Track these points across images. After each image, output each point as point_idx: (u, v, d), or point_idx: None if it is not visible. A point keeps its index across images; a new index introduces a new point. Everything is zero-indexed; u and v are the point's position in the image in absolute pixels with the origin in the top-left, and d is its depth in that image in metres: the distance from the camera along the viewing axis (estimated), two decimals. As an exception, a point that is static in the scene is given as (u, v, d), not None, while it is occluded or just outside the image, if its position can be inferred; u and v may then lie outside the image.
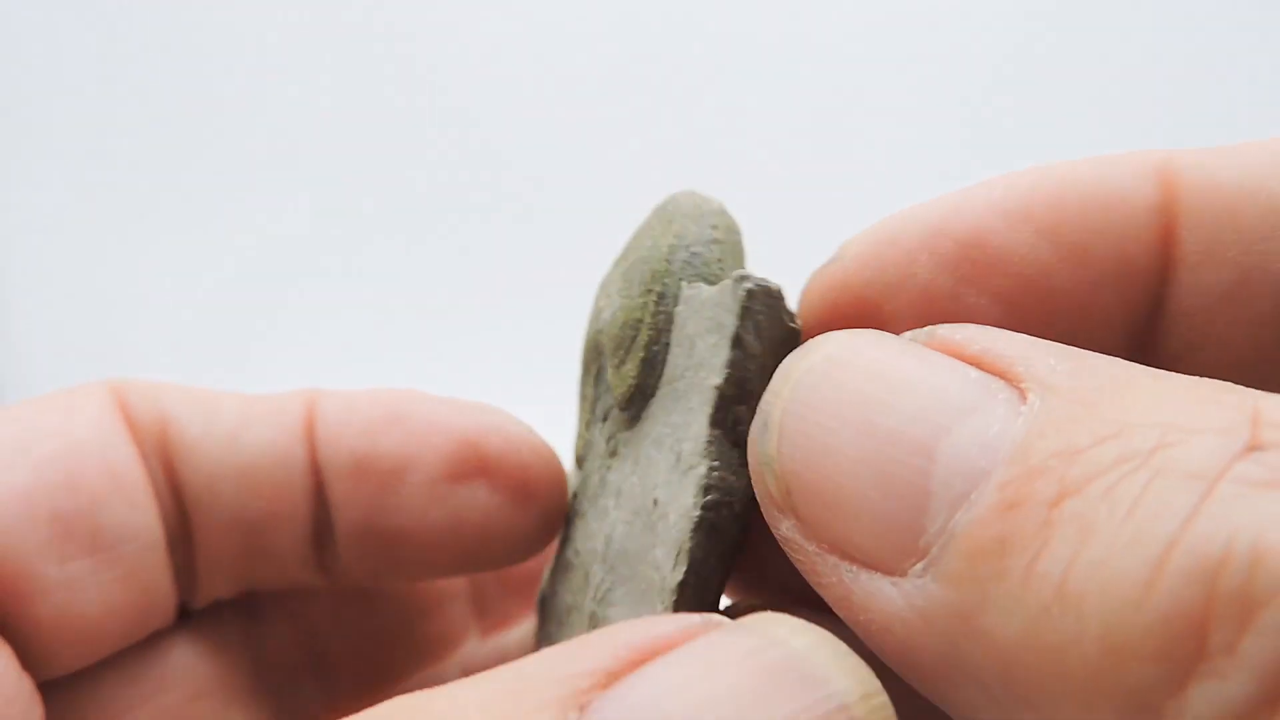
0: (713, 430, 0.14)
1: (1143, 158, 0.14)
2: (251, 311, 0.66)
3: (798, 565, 0.12)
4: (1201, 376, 0.11)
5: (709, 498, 0.14)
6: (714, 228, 0.16)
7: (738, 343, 0.14)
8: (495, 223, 0.66)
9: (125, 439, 0.17)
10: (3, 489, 0.16)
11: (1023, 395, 0.11)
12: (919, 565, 0.10)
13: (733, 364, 0.14)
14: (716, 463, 0.14)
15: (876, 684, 0.10)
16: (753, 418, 0.13)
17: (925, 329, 0.13)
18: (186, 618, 0.19)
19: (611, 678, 0.10)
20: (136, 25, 0.66)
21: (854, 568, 0.11)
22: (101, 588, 0.17)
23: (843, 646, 0.11)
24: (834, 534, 0.11)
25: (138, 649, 0.18)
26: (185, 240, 0.66)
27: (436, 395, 0.19)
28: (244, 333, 0.66)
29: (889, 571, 0.11)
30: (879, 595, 0.11)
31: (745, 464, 0.14)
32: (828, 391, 0.12)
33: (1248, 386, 0.12)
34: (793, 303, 0.15)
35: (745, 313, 0.14)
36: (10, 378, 0.65)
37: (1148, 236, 0.13)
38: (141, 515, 0.17)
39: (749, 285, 0.14)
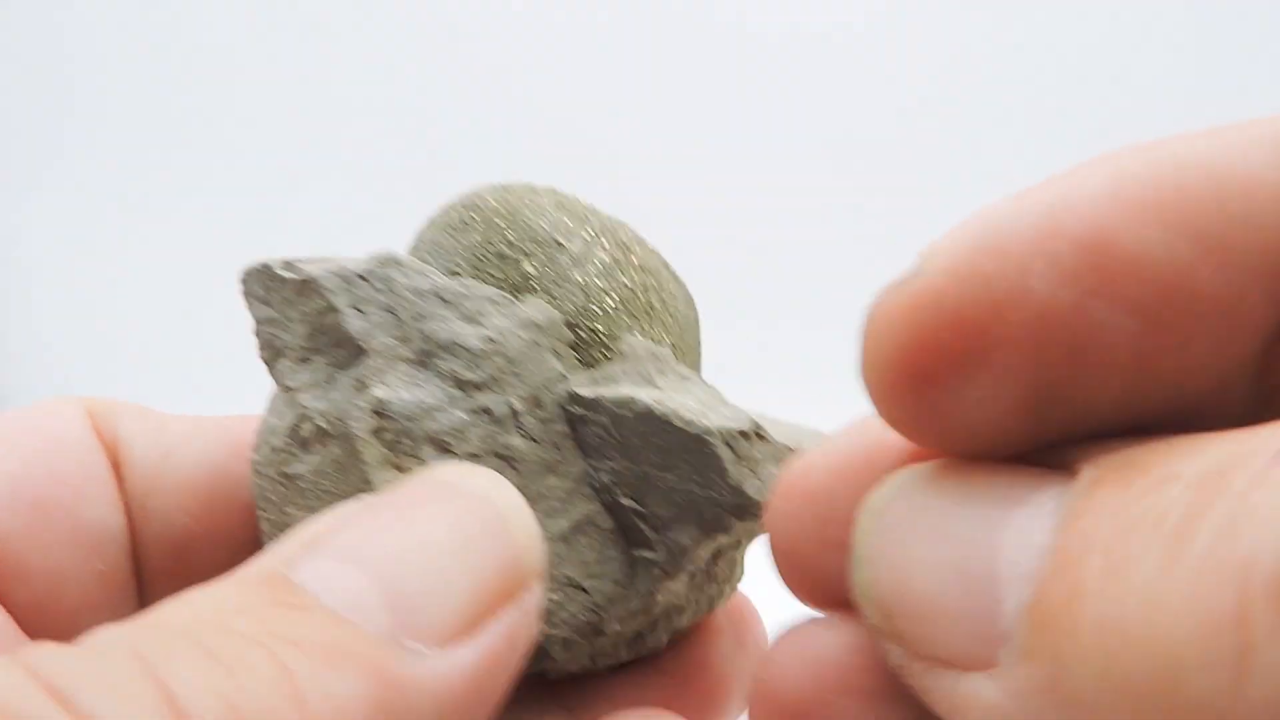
0: None
1: (1267, 128, 0.11)
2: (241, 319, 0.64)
3: (913, 691, 0.12)
4: None
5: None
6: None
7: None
8: None
9: (98, 449, 0.18)
10: None
11: (1073, 476, 0.11)
12: (1004, 651, 0.11)
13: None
14: None
15: (505, 482, 0.14)
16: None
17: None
18: None
19: (314, 543, 0.13)
20: (126, 28, 0.65)
21: (956, 673, 0.11)
22: (82, 585, 0.18)
23: (472, 467, 0.15)
24: (932, 644, 0.12)
25: None
26: (176, 244, 0.65)
27: None
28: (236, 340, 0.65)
29: (983, 666, 0.11)
30: (981, 694, 0.11)
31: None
32: (902, 513, 0.12)
33: None
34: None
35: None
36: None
37: None
38: (117, 517, 0.18)
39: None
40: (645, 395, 0.17)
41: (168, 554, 0.19)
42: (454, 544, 0.13)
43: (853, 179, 0.60)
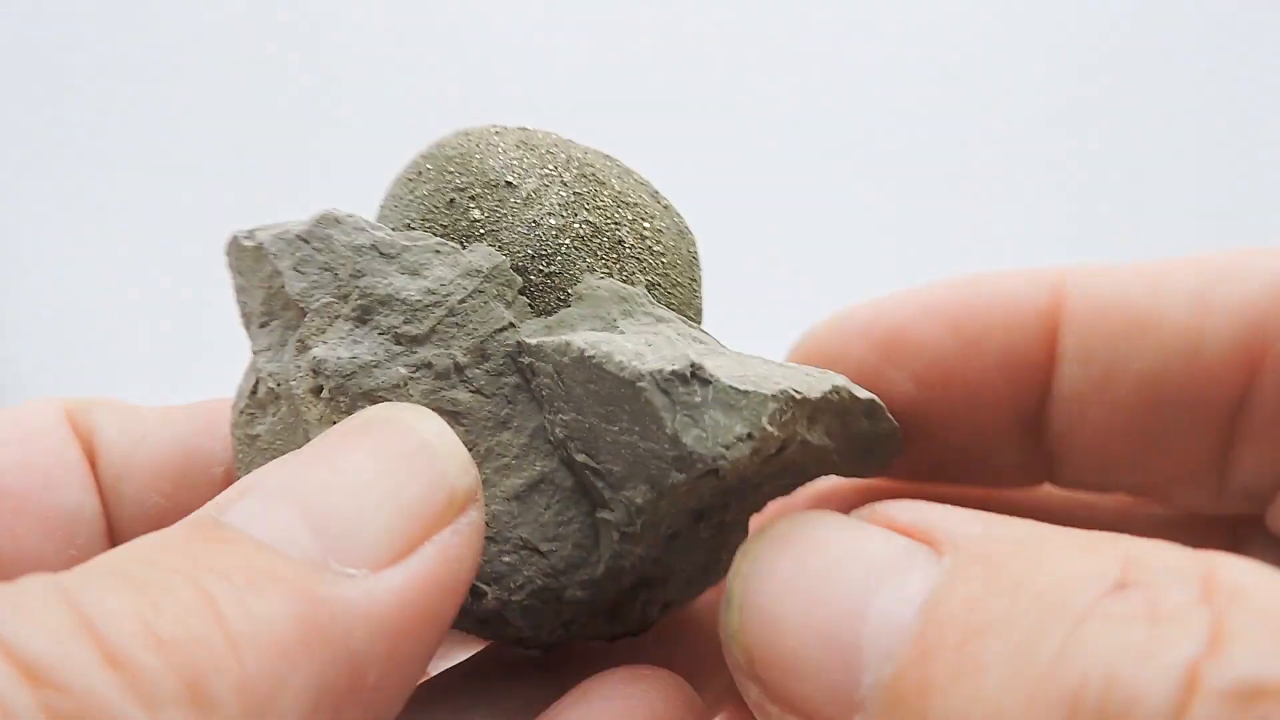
0: None
1: (1042, 273, 0.19)
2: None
3: None
4: (1084, 454, 0.19)
5: None
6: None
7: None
8: None
9: (74, 443, 0.19)
10: None
11: (940, 556, 0.12)
12: (858, 717, 0.12)
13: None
14: None
15: (431, 413, 0.15)
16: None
17: (868, 506, 0.14)
18: None
19: (244, 491, 0.13)
20: (115, 28, 0.63)
21: None
22: (54, 567, 0.17)
23: (419, 406, 0.16)
24: (791, 695, 0.13)
25: None
26: (175, 243, 0.62)
27: None
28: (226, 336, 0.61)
29: None
30: None
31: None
32: (779, 567, 0.14)
33: (1117, 460, 0.18)
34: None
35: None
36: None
37: (1034, 335, 0.18)
38: (90, 503, 0.19)
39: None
40: (581, 339, 0.16)
41: (143, 533, 0.19)
42: (379, 471, 0.14)
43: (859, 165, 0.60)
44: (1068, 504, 0.21)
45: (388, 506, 0.13)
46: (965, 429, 0.19)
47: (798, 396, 0.15)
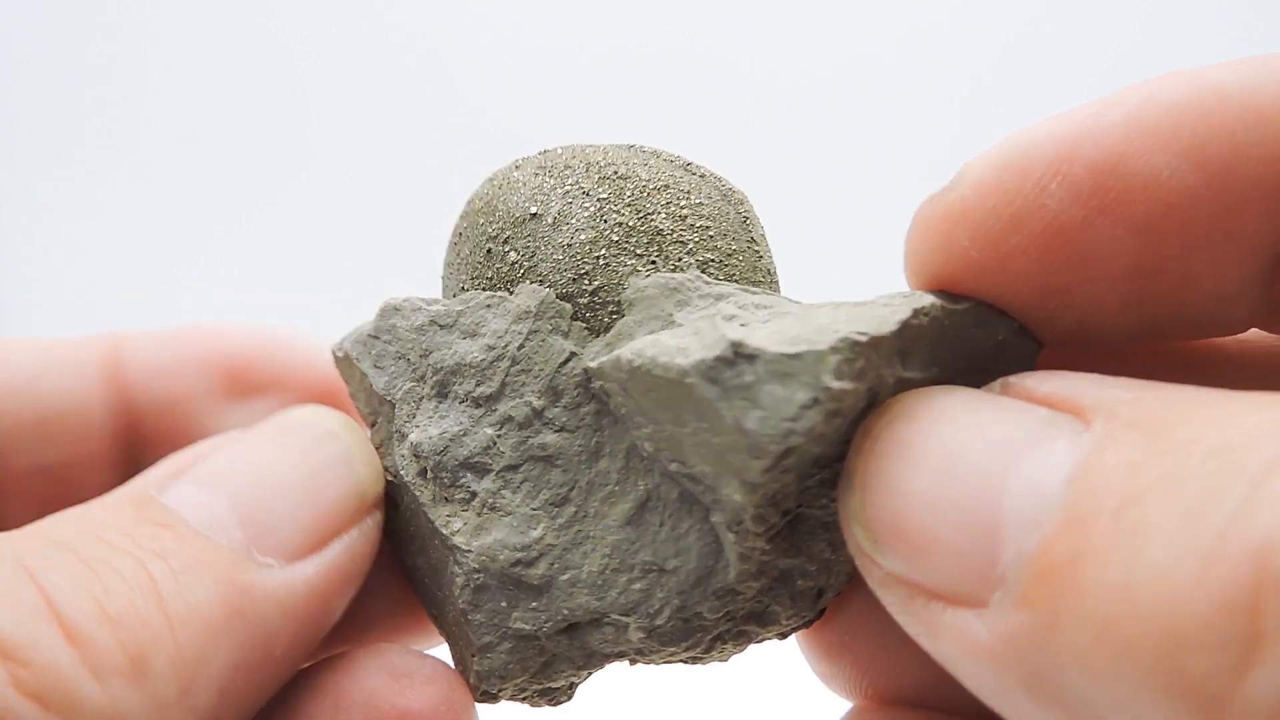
0: None
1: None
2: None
3: (892, 612, 0.13)
4: None
5: None
6: None
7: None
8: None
9: (80, 389, 0.19)
10: None
11: (1088, 424, 0.11)
12: (999, 594, 0.11)
13: None
14: None
15: (353, 421, 0.17)
16: None
17: (999, 381, 0.13)
18: None
19: (181, 471, 0.15)
20: (113, 20, 0.64)
21: (942, 606, 0.12)
22: None
23: (344, 417, 0.17)
24: (921, 575, 0.12)
25: None
26: (174, 241, 0.65)
27: (227, 325, 0.21)
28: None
29: (973, 604, 0.11)
30: (966, 630, 0.11)
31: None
32: (905, 442, 0.12)
33: None
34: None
35: None
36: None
37: None
38: None
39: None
40: (628, 349, 0.15)
41: (34, 490, 0.19)
42: (303, 473, 0.16)
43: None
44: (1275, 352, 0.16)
45: (308, 507, 0.15)
46: (1191, 283, 0.14)
47: (863, 339, 0.13)
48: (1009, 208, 0.13)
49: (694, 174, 0.18)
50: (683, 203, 0.17)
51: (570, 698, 0.17)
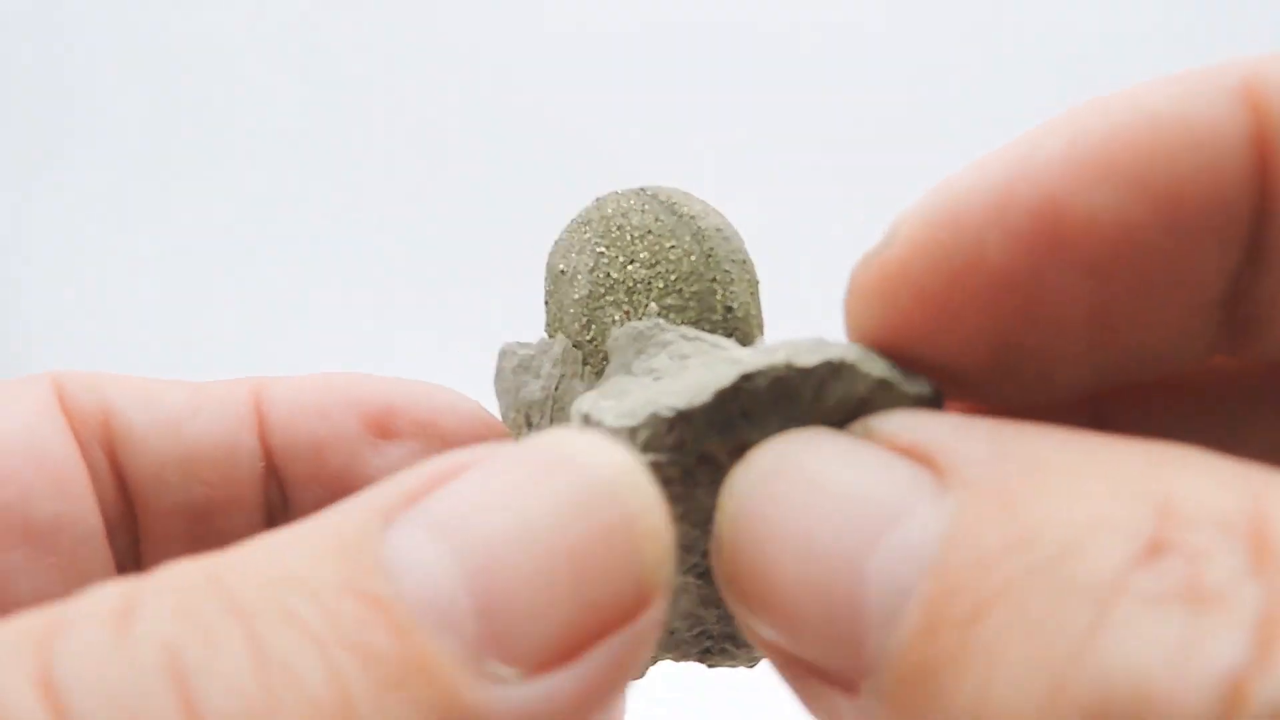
0: None
1: (1221, 77, 0.12)
2: (241, 301, 0.67)
3: (778, 674, 0.13)
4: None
5: None
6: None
7: None
8: (477, 216, 0.65)
9: (61, 430, 0.18)
10: None
11: (946, 488, 0.11)
12: (867, 683, 0.11)
13: None
14: None
15: (642, 473, 0.11)
16: None
17: (859, 423, 0.12)
18: None
19: (416, 496, 0.11)
20: (125, 21, 0.65)
21: (816, 683, 0.11)
22: (34, 577, 0.17)
23: (614, 445, 0.11)
24: (794, 650, 0.12)
25: None
26: (169, 230, 0.66)
27: (367, 374, 0.21)
28: (232, 322, 0.67)
29: (845, 688, 0.11)
30: (837, 711, 0.11)
31: None
32: (765, 509, 0.12)
33: None
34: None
35: None
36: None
37: (1242, 172, 0.11)
38: (76, 506, 0.18)
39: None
40: (576, 405, 0.16)
41: (179, 529, 0.19)
42: (571, 547, 0.11)
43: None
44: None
45: (570, 595, 0.10)
46: (1150, 320, 0.12)
47: (670, 414, 0.13)
48: (948, 264, 0.12)
49: (675, 214, 0.18)
50: (656, 248, 0.18)
51: None
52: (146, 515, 0.19)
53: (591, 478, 0.11)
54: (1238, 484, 0.09)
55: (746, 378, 0.13)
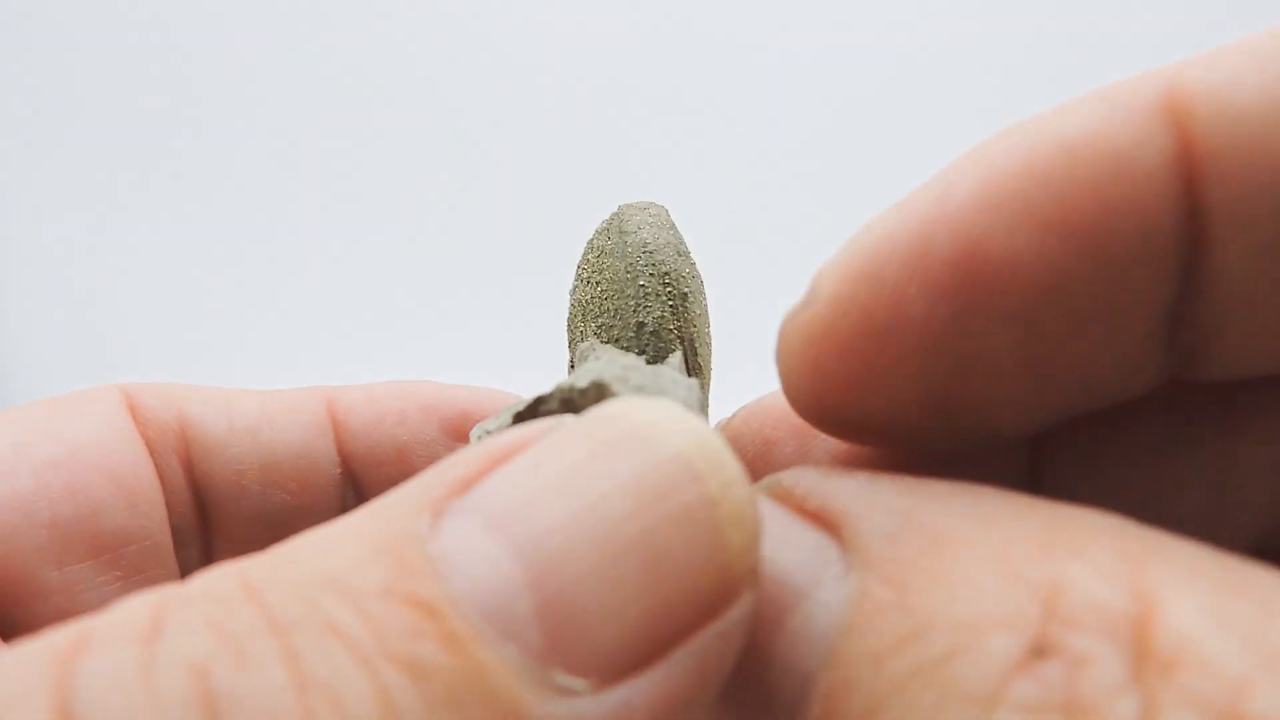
0: None
1: (1141, 92, 0.11)
2: (245, 307, 0.66)
3: None
4: (1247, 337, 0.11)
5: None
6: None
7: None
8: (484, 220, 0.65)
9: (132, 442, 0.18)
10: (3, 494, 0.17)
11: (849, 564, 0.10)
12: None
13: None
14: None
15: (722, 448, 0.10)
16: None
17: (769, 479, 0.12)
18: None
19: (467, 483, 0.10)
20: (123, 23, 0.64)
21: None
22: (101, 589, 0.17)
23: (688, 415, 0.10)
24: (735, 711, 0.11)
25: None
26: (176, 237, 0.66)
27: (435, 381, 0.21)
28: (238, 327, 0.66)
29: None
30: None
31: None
32: None
33: None
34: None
35: None
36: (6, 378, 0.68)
37: (1168, 197, 0.10)
38: (145, 518, 0.18)
39: None
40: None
41: (257, 536, 0.19)
42: (642, 533, 0.09)
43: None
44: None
45: (644, 589, 0.09)
46: (1087, 360, 0.12)
47: (478, 434, 0.15)
48: (871, 321, 0.11)
49: (621, 232, 0.19)
50: (602, 267, 0.18)
51: None
52: (223, 524, 0.19)
53: (664, 454, 0.10)
54: (1127, 568, 0.09)
55: (540, 400, 0.14)
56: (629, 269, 0.19)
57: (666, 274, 0.18)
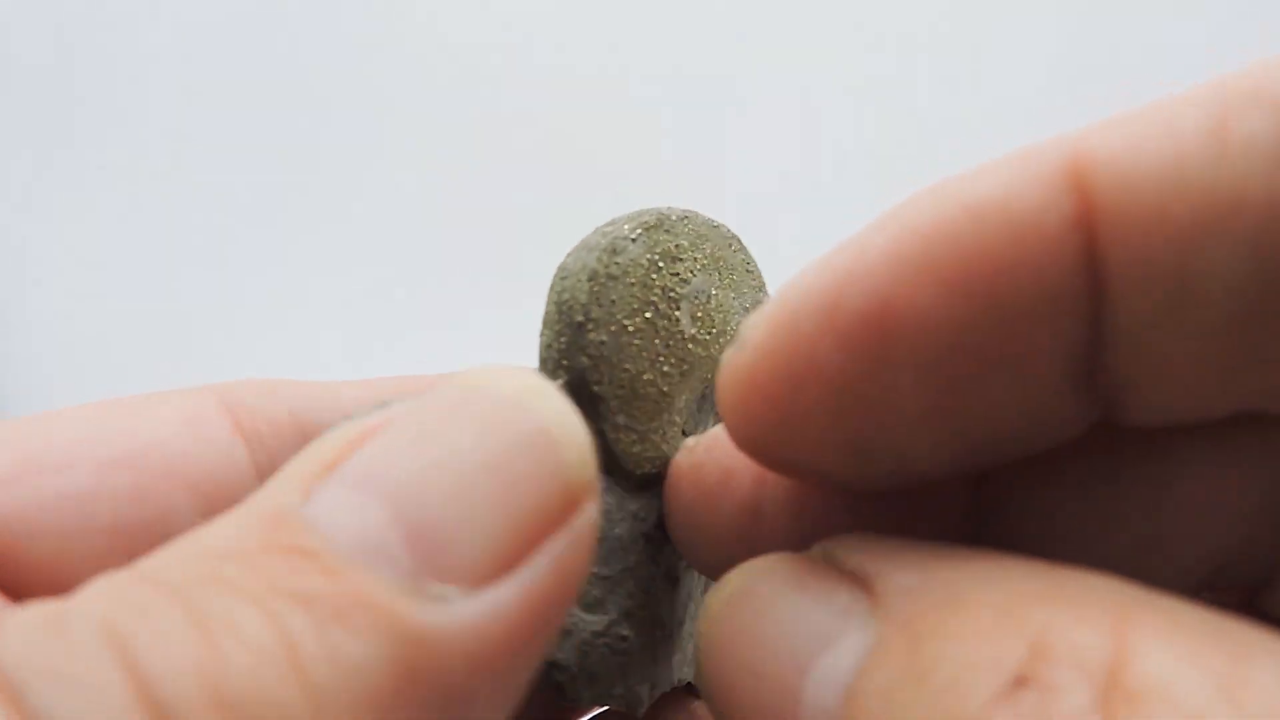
0: None
1: (1046, 158, 0.11)
2: (235, 304, 0.66)
3: None
4: (1161, 384, 0.12)
5: None
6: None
7: None
8: (480, 220, 0.64)
9: (214, 444, 0.16)
10: (57, 490, 0.15)
11: (873, 614, 0.11)
12: None
13: None
14: None
15: (550, 389, 0.12)
16: None
17: (819, 546, 0.13)
18: None
19: (334, 464, 0.11)
20: (123, 23, 0.65)
21: None
22: None
23: (519, 370, 0.12)
24: None
25: None
26: (176, 237, 0.66)
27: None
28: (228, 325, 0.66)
29: None
30: None
31: None
32: (728, 632, 0.13)
33: (1205, 405, 0.12)
34: None
35: None
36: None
37: (1068, 259, 0.11)
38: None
39: None
40: None
41: None
42: (487, 461, 0.11)
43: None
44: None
45: (498, 508, 0.11)
46: (1001, 409, 0.12)
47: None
48: (788, 369, 0.12)
49: (574, 249, 0.18)
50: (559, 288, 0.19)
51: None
52: None
53: (499, 397, 0.12)
54: (1111, 620, 0.10)
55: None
56: (590, 273, 0.18)
57: (561, 301, 0.17)
